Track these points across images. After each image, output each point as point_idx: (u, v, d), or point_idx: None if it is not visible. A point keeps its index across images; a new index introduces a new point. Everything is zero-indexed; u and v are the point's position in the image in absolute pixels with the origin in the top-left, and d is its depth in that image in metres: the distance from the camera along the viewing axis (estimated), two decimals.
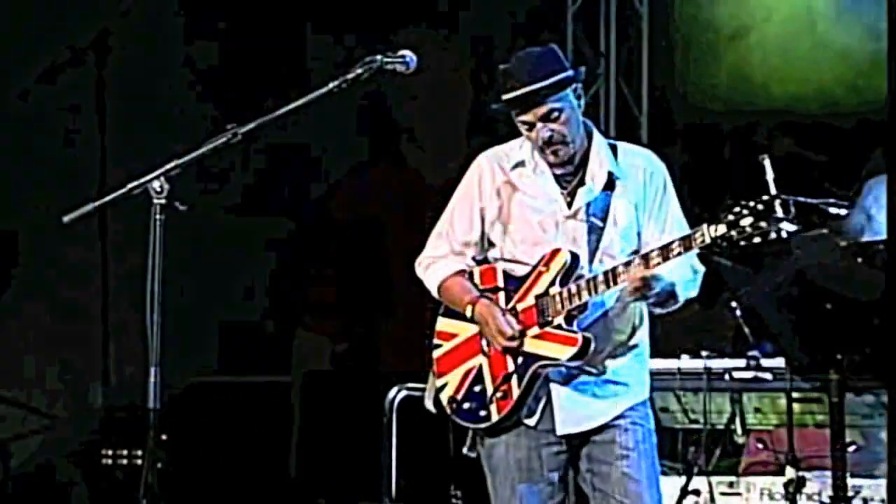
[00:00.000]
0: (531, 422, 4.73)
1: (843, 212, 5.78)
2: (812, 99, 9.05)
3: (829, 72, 9.01)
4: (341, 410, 9.17)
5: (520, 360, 4.70)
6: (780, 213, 4.30)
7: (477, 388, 4.77)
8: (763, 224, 4.32)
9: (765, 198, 4.33)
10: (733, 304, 6.63)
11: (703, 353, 6.77)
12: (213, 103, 9.11)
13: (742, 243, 4.35)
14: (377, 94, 8.93)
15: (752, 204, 4.34)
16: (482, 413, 4.75)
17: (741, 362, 6.68)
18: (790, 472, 6.19)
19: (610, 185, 4.73)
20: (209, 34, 9.50)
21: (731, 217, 4.37)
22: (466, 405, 4.78)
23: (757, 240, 4.31)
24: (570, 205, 4.74)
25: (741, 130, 9.25)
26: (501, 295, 4.77)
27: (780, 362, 6.44)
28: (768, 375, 6.59)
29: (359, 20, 9.12)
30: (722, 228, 4.38)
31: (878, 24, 8.55)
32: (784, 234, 4.29)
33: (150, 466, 4.31)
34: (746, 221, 4.34)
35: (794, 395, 6.25)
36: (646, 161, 4.83)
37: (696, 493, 6.53)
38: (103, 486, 8.66)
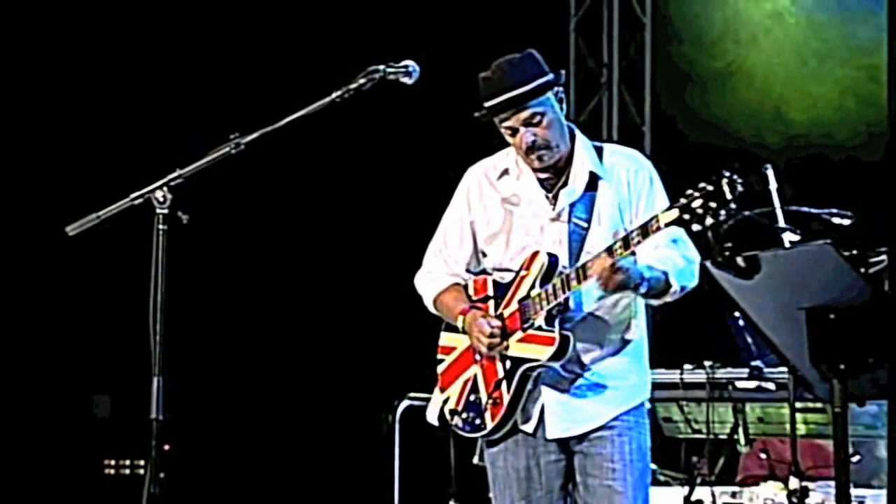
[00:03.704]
0: (528, 428, 4.74)
1: (846, 222, 5.78)
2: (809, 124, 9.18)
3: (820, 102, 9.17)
4: (343, 420, 9.18)
5: (508, 364, 4.71)
6: (727, 193, 4.31)
7: (473, 398, 4.79)
8: (713, 204, 4.32)
9: (713, 178, 4.35)
10: (736, 314, 6.62)
11: (706, 364, 6.77)
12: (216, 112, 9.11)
13: (698, 227, 4.35)
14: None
15: (701, 186, 4.36)
16: (478, 422, 4.76)
17: (744, 372, 6.68)
18: (794, 482, 6.17)
19: (593, 184, 4.74)
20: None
21: (682, 201, 4.39)
22: (465, 415, 4.80)
23: (710, 221, 4.32)
24: (553, 207, 4.75)
25: (744, 143, 9.27)
26: (491, 303, 4.81)
27: (782, 372, 6.43)
28: (771, 385, 6.59)
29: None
30: (674, 213, 4.40)
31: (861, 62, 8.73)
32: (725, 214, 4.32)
33: (152, 476, 4.31)
34: (697, 203, 4.35)
35: (797, 405, 6.23)
36: (630, 160, 4.84)
37: (700, 503, 6.52)
38: (106, 495, 8.66)
